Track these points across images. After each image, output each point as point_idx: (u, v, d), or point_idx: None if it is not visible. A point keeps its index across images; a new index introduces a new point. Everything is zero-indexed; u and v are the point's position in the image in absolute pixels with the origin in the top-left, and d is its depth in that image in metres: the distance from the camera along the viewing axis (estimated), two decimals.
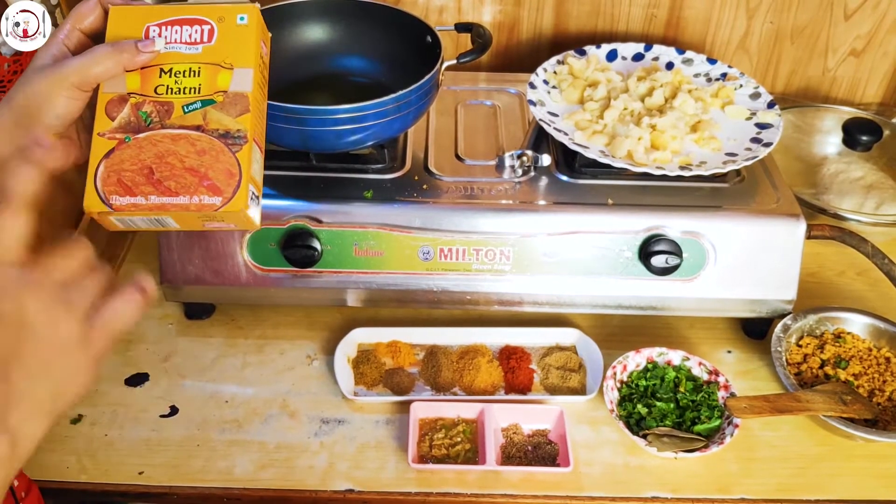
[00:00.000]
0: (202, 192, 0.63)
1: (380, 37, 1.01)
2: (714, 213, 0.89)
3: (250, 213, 0.65)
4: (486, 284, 0.90)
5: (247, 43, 0.66)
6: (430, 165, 0.94)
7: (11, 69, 0.93)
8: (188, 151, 0.64)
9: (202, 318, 0.98)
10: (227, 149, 0.64)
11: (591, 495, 0.80)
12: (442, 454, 0.83)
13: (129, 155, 0.63)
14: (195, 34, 0.66)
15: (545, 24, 1.26)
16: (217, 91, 0.65)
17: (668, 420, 0.84)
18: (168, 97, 0.65)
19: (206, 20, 0.66)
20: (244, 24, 0.67)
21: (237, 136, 0.64)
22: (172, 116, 0.64)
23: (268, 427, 0.86)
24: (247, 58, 0.66)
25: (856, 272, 1.06)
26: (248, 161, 0.64)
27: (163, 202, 0.63)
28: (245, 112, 0.65)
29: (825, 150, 1.19)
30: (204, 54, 0.66)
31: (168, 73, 0.65)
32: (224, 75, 0.65)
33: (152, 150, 0.64)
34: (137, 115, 0.64)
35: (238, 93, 0.65)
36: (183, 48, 0.66)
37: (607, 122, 0.95)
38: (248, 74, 0.66)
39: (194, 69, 0.65)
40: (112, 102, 0.64)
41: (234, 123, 0.64)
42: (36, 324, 0.52)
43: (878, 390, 0.87)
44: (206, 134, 0.64)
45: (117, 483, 0.80)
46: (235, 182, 0.63)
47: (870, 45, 1.28)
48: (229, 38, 0.66)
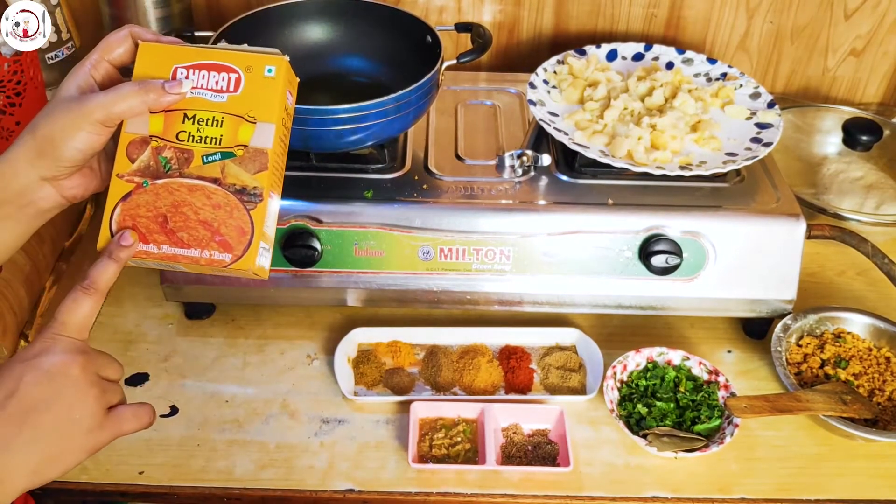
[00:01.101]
0: (213, 248, 0.64)
1: (380, 37, 1.01)
2: (714, 212, 0.89)
3: (259, 269, 0.65)
4: (487, 284, 0.91)
5: (272, 96, 0.65)
6: (430, 165, 0.94)
7: (11, 69, 0.93)
8: (203, 204, 0.64)
9: (202, 318, 0.98)
10: (241, 206, 0.64)
11: (591, 495, 0.80)
12: (442, 454, 0.83)
13: (145, 200, 0.64)
14: (222, 82, 0.65)
15: (545, 24, 1.26)
16: (238, 144, 0.65)
17: (668, 420, 0.84)
18: (189, 145, 0.65)
19: (235, 69, 0.66)
20: (271, 77, 0.66)
21: (253, 192, 0.64)
22: (191, 165, 0.64)
23: (268, 427, 0.86)
24: (270, 112, 0.65)
25: (856, 272, 1.06)
26: (261, 219, 0.64)
27: (174, 253, 0.64)
28: (263, 169, 0.64)
29: (825, 150, 1.19)
30: (229, 104, 0.65)
31: (192, 119, 0.65)
32: (246, 129, 0.65)
33: (169, 199, 0.64)
34: (157, 159, 0.64)
35: (258, 149, 0.65)
36: (208, 95, 0.65)
37: (607, 121, 0.95)
38: (270, 130, 0.65)
39: (218, 118, 0.65)
40: (134, 143, 0.65)
41: (252, 180, 0.64)
42: (70, 394, 0.57)
43: (878, 390, 0.87)
44: (222, 188, 0.64)
45: (118, 483, 0.80)
46: (247, 240, 0.64)
47: (870, 44, 1.28)
48: (255, 89, 0.65)
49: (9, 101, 0.94)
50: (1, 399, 0.55)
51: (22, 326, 0.94)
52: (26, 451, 0.55)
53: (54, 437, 0.56)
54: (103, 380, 0.60)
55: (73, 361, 0.57)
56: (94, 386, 0.58)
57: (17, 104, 0.95)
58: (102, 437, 0.59)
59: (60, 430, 0.56)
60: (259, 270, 0.65)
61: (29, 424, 0.55)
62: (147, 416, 0.62)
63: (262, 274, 0.66)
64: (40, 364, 0.57)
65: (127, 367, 0.92)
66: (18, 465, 0.55)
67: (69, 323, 0.59)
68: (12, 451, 0.55)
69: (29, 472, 0.55)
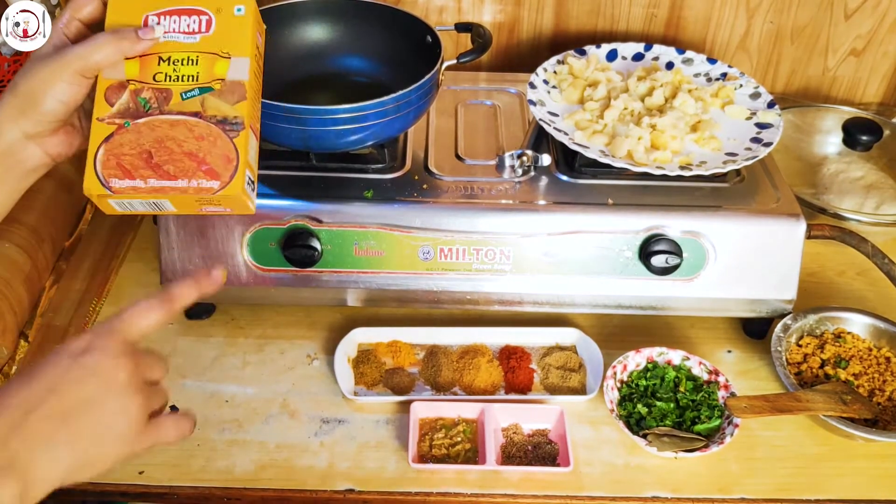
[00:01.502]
0: (200, 176, 0.64)
1: (380, 37, 1.01)
2: (714, 212, 0.89)
3: (246, 198, 0.66)
4: (487, 284, 0.91)
5: (244, 33, 0.68)
6: (430, 165, 0.94)
7: (11, 69, 0.93)
8: (186, 136, 0.65)
9: (202, 318, 0.98)
10: (224, 134, 0.65)
11: (591, 495, 0.80)
12: (442, 454, 0.83)
13: (128, 139, 0.65)
14: (193, 24, 0.67)
15: (545, 24, 1.26)
16: (215, 79, 0.66)
17: (668, 420, 0.84)
18: (166, 84, 0.66)
19: (205, 10, 0.68)
20: (241, 16, 0.68)
21: (234, 122, 0.65)
22: (171, 103, 0.66)
23: (268, 427, 0.86)
24: (244, 47, 0.67)
25: (856, 272, 1.06)
26: (245, 147, 0.65)
27: (162, 185, 0.64)
28: (242, 99, 0.66)
29: (825, 150, 1.19)
30: (202, 44, 0.67)
31: (167, 61, 0.67)
32: (221, 64, 0.67)
33: (151, 135, 0.65)
34: (136, 101, 0.66)
35: (235, 81, 0.66)
36: (181, 37, 0.67)
37: (607, 121, 0.95)
38: (244, 63, 0.67)
39: (192, 58, 0.67)
40: (111, 88, 0.66)
41: (232, 110, 0.66)
42: (115, 399, 0.55)
43: (878, 390, 0.87)
44: (204, 120, 0.65)
45: (117, 483, 0.80)
46: (233, 167, 0.65)
47: (870, 44, 1.28)
48: (227, 28, 0.68)
49: None
50: (42, 392, 0.53)
51: (22, 326, 0.94)
52: (62, 453, 0.53)
53: (92, 442, 0.54)
54: (148, 384, 0.58)
55: (122, 366, 0.55)
56: (139, 393, 0.56)
57: None
58: (139, 445, 0.57)
59: (99, 434, 0.54)
60: (246, 199, 0.66)
61: (68, 426, 0.53)
62: (188, 427, 0.61)
63: (247, 206, 0.67)
64: (89, 363, 0.54)
65: None
66: (52, 467, 0.52)
67: (130, 324, 0.57)
68: (48, 453, 0.52)
69: (61, 473, 0.53)
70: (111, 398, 0.55)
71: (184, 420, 0.61)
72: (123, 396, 0.55)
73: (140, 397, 0.56)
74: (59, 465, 0.53)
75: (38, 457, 0.52)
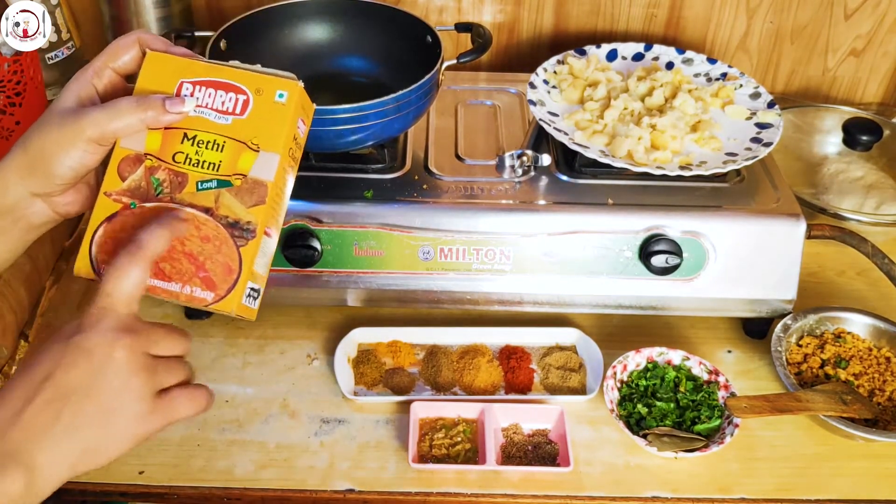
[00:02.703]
0: (196, 284, 0.59)
1: (380, 37, 1.01)
2: (714, 212, 0.89)
3: (244, 310, 0.60)
4: (487, 284, 0.90)
5: (281, 124, 0.61)
6: (430, 165, 0.94)
7: (11, 69, 0.93)
8: (192, 235, 0.59)
9: (202, 318, 0.98)
10: (231, 240, 0.59)
11: (591, 495, 0.80)
12: (442, 454, 0.83)
13: (130, 223, 0.59)
14: (228, 103, 0.61)
15: (545, 24, 1.26)
16: (236, 173, 0.60)
17: (669, 420, 0.84)
18: (185, 168, 0.60)
19: (244, 89, 0.61)
20: (282, 103, 0.61)
21: (246, 227, 0.59)
22: (184, 191, 0.60)
23: (268, 427, 0.86)
24: (276, 141, 0.60)
25: (856, 272, 1.06)
26: (251, 257, 0.59)
27: (154, 285, 0.59)
28: (260, 203, 0.60)
29: (825, 150, 1.19)
30: (233, 127, 0.61)
31: (192, 140, 0.60)
32: (247, 157, 0.60)
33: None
34: (149, 180, 0.60)
35: (258, 180, 0.60)
36: (212, 115, 0.61)
37: (607, 121, 0.95)
38: (273, 161, 0.60)
39: (219, 142, 0.60)
40: (126, 160, 0.60)
41: (246, 214, 0.59)
42: (113, 378, 0.52)
43: (878, 390, 0.87)
44: (213, 219, 0.59)
45: (117, 483, 0.80)
46: (233, 279, 0.59)
47: (870, 44, 1.28)
48: (263, 115, 0.61)
49: (9, 101, 0.94)
50: (38, 382, 0.51)
51: (22, 326, 0.94)
52: (66, 440, 0.50)
53: (96, 426, 0.51)
54: (156, 359, 0.54)
55: (118, 341, 0.52)
56: (143, 369, 0.53)
57: (17, 104, 0.95)
58: (152, 426, 0.54)
59: (103, 418, 0.51)
60: (244, 311, 0.61)
61: (68, 412, 0.50)
62: (204, 399, 0.57)
63: (247, 316, 0.61)
64: (81, 344, 0.52)
65: None
66: (57, 455, 0.50)
67: (115, 294, 0.53)
68: (50, 441, 0.50)
69: (69, 464, 0.51)
70: (110, 378, 0.52)
71: (199, 392, 0.57)
72: (123, 374, 0.52)
73: (144, 373, 0.53)
74: (65, 453, 0.51)
75: (41, 446, 0.50)
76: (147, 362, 0.54)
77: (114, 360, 0.52)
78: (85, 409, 0.51)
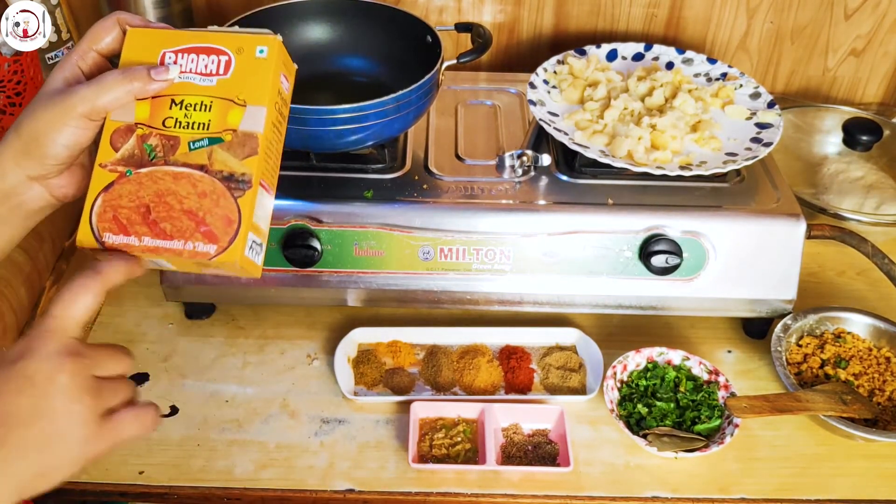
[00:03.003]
0: (197, 239, 0.60)
1: (380, 37, 1.01)
2: (714, 212, 0.89)
3: (248, 264, 0.61)
4: (487, 284, 0.90)
5: (264, 78, 0.62)
6: (430, 165, 0.94)
7: (11, 69, 0.93)
8: (188, 192, 0.60)
9: (202, 318, 0.98)
10: (228, 193, 0.60)
11: (591, 495, 0.80)
12: (442, 454, 0.83)
13: (127, 190, 0.61)
14: (211, 65, 0.62)
15: (545, 24, 1.26)
16: (226, 129, 0.61)
17: (669, 420, 0.84)
18: (175, 131, 0.62)
19: (224, 50, 0.63)
20: (263, 58, 0.62)
21: (241, 179, 0.61)
22: (177, 152, 0.61)
23: (268, 427, 0.86)
24: (262, 95, 0.62)
25: (856, 272, 1.06)
26: (250, 207, 0.60)
27: (156, 245, 0.60)
28: (253, 154, 0.61)
29: (825, 150, 1.19)
30: (218, 87, 0.62)
31: (179, 105, 0.62)
32: (235, 112, 0.62)
33: (152, 188, 0.61)
34: (142, 147, 0.61)
35: (248, 133, 0.61)
36: (197, 79, 0.62)
37: (607, 121, 0.95)
38: (260, 113, 0.62)
39: (206, 103, 0.62)
40: (118, 132, 0.62)
41: (240, 166, 0.61)
42: (57, 404, 0.52)
43: (878, 390, 0.87)
44: (209, 175, 0.61)
45: (117, 483, 0.80)
46: (233, 230, 0.60)
47: (870, 44, 1.28)
48: (246, 71, 0.62)
49: (9, 101, 0.94)
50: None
51: (22, 326, 0.94)
52: (9, 468, 0.50)
53: (42, 453, 0.51)
54: (101, 380, 0.54)
55: (61, 366, 0.52)
56: (86, 393, 0.52)
57: (18, 104, 0.95)
58: (98, 447, 0.54)
59: (48, 444, 0.51)
60: (248, 265, 0.61)
61: (11, 440, 0.50)
62: (150, 418, 0.57)
63: (252, 270, 0.62)
64: (23, 371, 0.51)
65: None
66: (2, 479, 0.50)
67: (63, 318, 0.53)
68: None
69: (12, 490, 0.51)
70: (54, 402, 0.51)
71: (145, 411, 0.57)
72: (67, 399, 0.51)
73: (88, 397, 0.52)
74: (11, 477, 0.50)
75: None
76: (91, 385, 0.53)
77: (57, 385, 0.51)
78: (29, 437, 0.51)
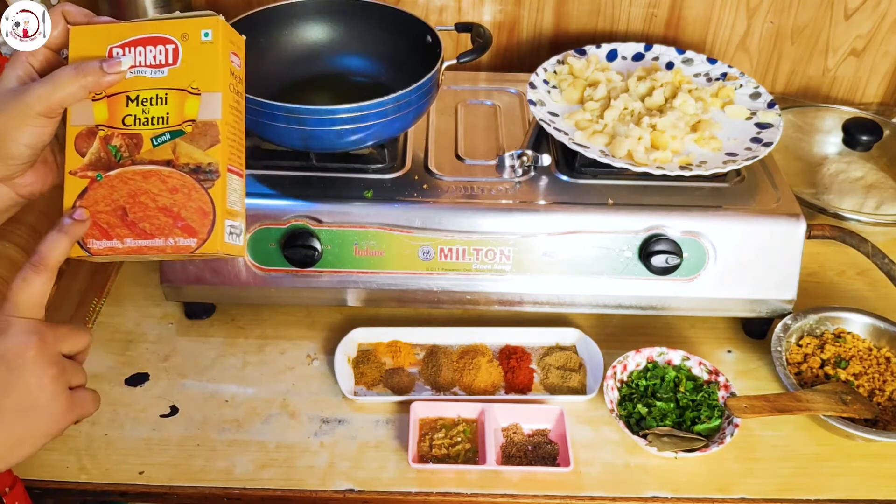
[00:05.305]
0: (177, 234, 0.61)
1: (380, 37, 1.01)
2: (714, 212, 0.89)
3: (230, 248, 0.62)
4: (487, 284, 0.90)
5: (214, 63, 0.62)
6: (430, 165, 0.94)
7: None
8: (160, 189, 0.61)
9: (202, 318, 0.98)
10: (198, 185, 0.61)
11: (591, 495, 0.80)
12: (442, 454, 0.83)
13: (102, 195, 0.61)
14: (160, 55, 0.62)
15: (545, 24, 1.26)
16: (185, 120, 0.62)
17: (669, 420, 0.84)
18: (136, 129, 0.62)
19: (170, 38, 0.62)
20: (209, 42, 0.62)
21: (208, 170, 0.61)
22: (142, 150, 0.62)
23: (268, 427, 0.86)
24: (214, 80, 0.62)
25: (856, 272, 1.06)
26: (222, 196, 0.61)
27: (139, 245, 0.61)
28: (215, 143, 0.61)
29: (825, 150, 1.19)
30: (170, 78, 0.62)
31: (135, 101, 0.62)
32: (192, 102, 0.62)
33: (124, 189, 0.61)
34: (107, 149, 0.62)
35: (207, 122, 0.61)
36: (148, 72, 0.62)
37: (607, 121, 0.95)
38: (216, 99, 0.62)
39: (161, 96, 0.62)
40: (81, 136, 0.62)
41: (205, 157, 0.61)
42: (29, 377, 0.55)
43: (878, 390, 0.87)
44: (176, 170, 0.61)
45: (117, 483, 0.80)
46: (210, 221, 0.61)
47: (870, 44, 1.28)
48: (195, 57, 0.62)
49: None
50: None
51: None
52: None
53: (15, 423, 0.55)
54: (64, 358, 0.58)
55: (29, 342, 0.55)
56: (53, 366, 0.56)
57: None
58: (66, 419, 0.58)
59: (21, 414, 0.55)
60: (230, 249, 0.62)
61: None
62: (98, 400, 0.61)
63: (235, 253, 0.63)
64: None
65: (127, 367, 0.92)
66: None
67: (20, 303, 0.57)
68: None
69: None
70: (25, 376, 0.55)
71: (95, 394, 0.61)
72: (37, 371, 0.55)
73: (54, 370, 0.56)
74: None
75: None
76: (57, 360, 0.57)
77: (27, 359, 0.55)
78: (6, 405, 0.55)
